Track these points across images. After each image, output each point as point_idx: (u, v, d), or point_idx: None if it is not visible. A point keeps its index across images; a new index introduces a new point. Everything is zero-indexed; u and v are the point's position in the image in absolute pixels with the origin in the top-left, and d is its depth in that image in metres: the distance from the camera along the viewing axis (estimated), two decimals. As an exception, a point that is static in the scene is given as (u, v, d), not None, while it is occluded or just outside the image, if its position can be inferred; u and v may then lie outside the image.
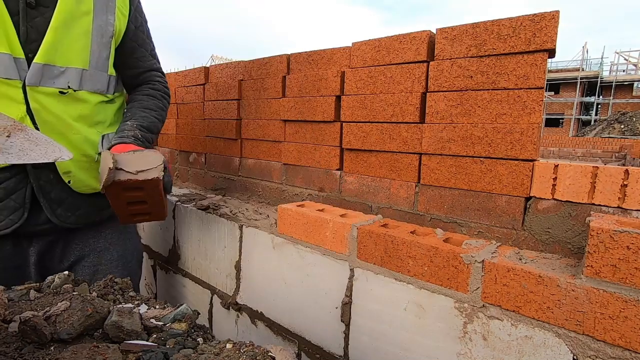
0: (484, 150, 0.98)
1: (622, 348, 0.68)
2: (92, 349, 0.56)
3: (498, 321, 0.82)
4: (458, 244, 0.96)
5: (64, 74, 1.12)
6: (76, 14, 1.12)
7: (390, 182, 1.19)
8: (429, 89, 1.08)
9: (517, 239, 0.96)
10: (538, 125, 0.91)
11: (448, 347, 0.90)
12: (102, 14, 1.18)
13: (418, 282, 0.94)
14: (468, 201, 1.03)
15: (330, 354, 1.14)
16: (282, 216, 1.25)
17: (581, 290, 0.71)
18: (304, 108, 1.41)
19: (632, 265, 0.67)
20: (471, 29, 0.99)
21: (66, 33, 1.10)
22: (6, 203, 1.10)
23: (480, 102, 0.99)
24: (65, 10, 1.09)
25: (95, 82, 1.20)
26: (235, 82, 1.73)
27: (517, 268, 0.79)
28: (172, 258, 1.83)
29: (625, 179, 0.80)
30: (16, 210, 1.12)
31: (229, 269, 1.48)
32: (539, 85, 0.90)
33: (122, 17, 1.25)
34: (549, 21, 0.87)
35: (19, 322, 0.60)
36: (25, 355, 0.57)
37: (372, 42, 1.20)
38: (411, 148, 1.13)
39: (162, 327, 0.69)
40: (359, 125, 1.24)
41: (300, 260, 1.21)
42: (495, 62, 0.96)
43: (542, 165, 0.90)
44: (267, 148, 1.62)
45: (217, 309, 1.57)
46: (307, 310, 1.20)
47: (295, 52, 1.48)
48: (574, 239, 0.88)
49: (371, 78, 1.20)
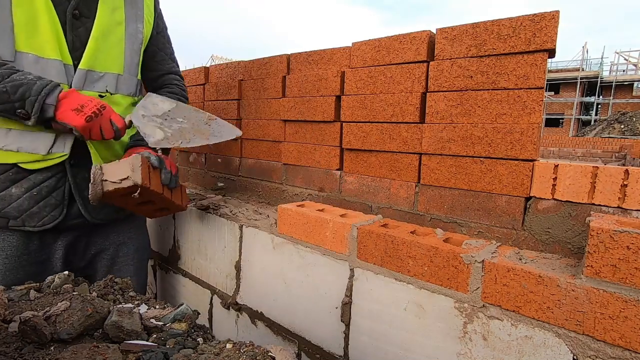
0: (484, 150, 0.98)
1: (622, 348, 0.68)
2: (92, 349, 0.56)
3: (498, 321, 0.82)
4: (458, 244, 0.96)
5: (103, 79, 1.23)
6: (112, 24, 1.24)
7: (390, 182, 1.19)
8: (429, 89, 1.08)
9: (517, 239, 0.96)
10: (538, 125, 0.91)
11: (448, 347, 0.90)
12: (132, 22, 1.30)
13: (418, 282, 0.94)
14: (468, 201, 1.03)
15: (330, 354, 1.14)
16: (282, 216, 1.25)
17: (581, 290, 0.71)
18: (304, 108, 1.41)
19: (632, 265, 0.67)
20: (471, 29, 0.99)
21: (104, 42, 1.21)
22: (48, 200, 1.19)
23: (480, 102, 0.99)
24: (103, 21, 1.21)
25: (128, 86, 1.32)
26: (235, 82, 1.73)
27: (517, 268, 0.79)
28: (172, 258, 1.83)
29: (625, 179, 0.80)
30: (57, 207, 1.21)
31: (229, 269, 1.48)
32: (539, 85, 0.90)
33: (148, 25, 1.36)
34: (549, 21, 0.87)
35: (19, 322, 0.60)
36: (25, 355, 0.57)
37: (372, 42, 1.20)
38: (411, 148, 1.13)
39: (162, 327, 0.69)
40: (359, 125, 1.24)
41: (300, 260, 1.21)
42: (495, 62, 0.96)
43: (542, 165, 0.90)
44: (267, 148, 1.62)
45: (217, 309, 1.57)
46: (307, 310, 1.20)
47: (295, 52, 1.48)
48: (574, 239, 0.88)
49: (371, 78, 1.20)
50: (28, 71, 1.08)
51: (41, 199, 1.18)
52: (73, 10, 1.14)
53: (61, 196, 1.21)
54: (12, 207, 1.16)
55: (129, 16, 1.28)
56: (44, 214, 1.19)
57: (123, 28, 1.27)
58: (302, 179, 1.48)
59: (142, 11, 1.33)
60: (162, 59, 1.46)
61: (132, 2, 1.30)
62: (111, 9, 1.23)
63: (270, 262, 1.31)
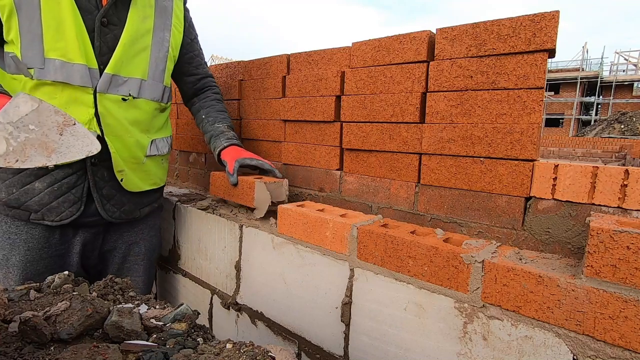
0: (484, 150, 0.98)
1: (622, 348, 0.68)
2: (92, 349, 0.56)
3: (498, 321, 0.82)
4: (458, 244, 0.96)
5: (126, 83, 1.28)
6: (140, 32, 1.29)
7: (390, 182, 1.19)
8: (429, 89, 1.08)
9: (517, 239, 0.96)
10: (538, 125, 0.91)
11: (448, 347, 0.90)
12: (160, 31, 1.36)
13: (418, 282, 0.94)
14: (468, 201, 1.03)
15: (330, 354, 1.14)
16: (282, 216, 1.25)
17: (581, 290, 0.71)
18: (304, 108, 1.41)
19: (632, 265, 0.67)
20: (471, 29, 0.99)
21: (131, 48, 1.27)
22: (67, 196, 1.24)
23: (480, 102, 0.99)
24: (132, 29, 1.27)
25: (152, 91, 1.36)
26: (235, 82, 1.73)
27: (517, 268, 0.79)
28: (172, 258, 1.83)
29: (625, 179, 0.80)
30: (75, 203, 1.26)
31: (229, 269, 1.48)
32: (539, 85, 0.90)
33: (177, 34, 1.43)
34: (548, 21, 0.87)
35: (19, 322, 0.60)
36: (25, 355, 0.57)
37: (372, 42, 1.20)
38: (411, 148, 1.13)
39: (162, 327, 0.69)
40: (359, 125, 1.24)
41: (300, 260, 1.21)
42: (496, 62, 0.96)
43: (542, 165, 0.90)
44: (267, 148, 1.62)
45: (217, 309, 1.57)
46: (307, 310, 1.20)
47: (295, 52, 1.49)
48: (574, 239, 0.88)
49: (371, 78, 1.20)
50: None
51: (61, 195, 1.23)
52: (102, 18, 1.21)
53: (80, 193, 1.26)
54: (33, 200, 1.22)
55: (157, 25, 1.35)
56: (62, 209, 1.24)
57: (150, 36, 1.33)
58: (302, 179, 1.48)
59: (170, 20, 1.39)
60: (199, 64, 1.55)
61: (162, 12, 1.36)
62: (141, 18, 1.30)
63: (270, 262, 1.31)
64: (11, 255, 1.26)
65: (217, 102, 1.59)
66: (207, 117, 1.53)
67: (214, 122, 1.50)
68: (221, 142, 1.43)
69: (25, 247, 1.26)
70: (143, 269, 1.53)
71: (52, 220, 1.25)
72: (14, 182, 1.21)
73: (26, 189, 1.21)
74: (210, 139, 1.49)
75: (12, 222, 1.26)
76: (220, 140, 1.44)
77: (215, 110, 1.55)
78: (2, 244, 1.26)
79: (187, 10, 1.50)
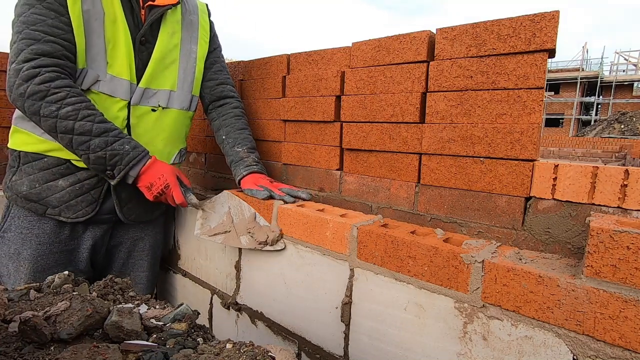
0: (484, 150, 0.98)
1: (622, 348, 0.68)
2: (92, 349, 0.56)
3: (498, 321, 0.82)
4: (458, 244, 0.96)
5: (156, 95, 1.37)
6: (169, 47, 1.38)
7: (390, 182, 1.19)
8: (429, 89, 1.08)
9: (517, 239, 0.96)
10: (538, 125, 0.91)
11: (448, 347, 0.90)
12: (187, 44, 1.44)
13: (418, 282, 0.94)
14: (468, 201, 1.03)
15: (330, 354, 1.14)
16: (282, 216, 1.25)
17: (581, 290, 0.71)
18: (304, 108, 1.41)
19: (632, 265, 0.67)
20: (471, 29, 0.99)
21: (161, 63, 1.36)
22: (85, 197, 1.31)
23: (481, 102, 0.99)
24: (162, 45, 1.36)
25: (181, 101, 1.45)
26: (235, 82, 1.73)
27: (517, 268, 0.79)
28: (172, 258, 1.83)
29: (625, 179, 0.80)
30: (92, 203, 1.33)
31: (229, 269, 1.48)
32: (539, 85, 0.90)
33: (204, 44, 1.51)
34: (548, 21, 0.87)
35: (19, 322, 0.60)
36: (25, 355, 0.57)
37: (372, 42, 1.20)
38: (411, 148, 1.13)
39: (162, 327, 0.69)
40: (359, 125, 1.24)
41: (300, 260, 1.21)
42: (495, 62, 0.96)
43: (542, 165, 0.90)
44: (267, 148, 1.62)
45: (217, 309, 1.57)
46: (307, 310, 1.20)
47: (295, 52, 1.49)
48: (574, 239, 0.88)
49: (371, 78, 1.20)
50: (127, 139, 1.24)
51: (81, 194, 1.30)
52: (141, 37, 1.30)
53: (98, 194, 1.33)
54: (54, 197, 1.28)
55: (184, 38, 1.43)
56: (79, 208, 1.31)
57: (178, 50, 1.41)
58: (302, 179, 1.48)
59: (197, 33, 1.47)
60: (219, 70, 1.58)
61: (188, 26, 1.44)
62: (170, 34, 1.38)
63: (270, 262, 1.31)
64: (23, 249, 1.30)
65: (237, 118, 1.54)
66: (227, 138, 1.51)
67: (233, 145, 1.48)
68: (240, 172, 1.43)
69: (37, 242, 1.30)
70: (147, 264, 1.56)
71: (67, 217, 1.30)
72: (38, 178, 1.27)
73: (49, 185, 1.27)
74: (231, 164, 1.49)
75: (25, 217, 1.31)
76: (240, 168, 1.44)
77: (236, 129, 1.52)
78: (15, 238, 1.31)
79: (212, 22, 1.57)
